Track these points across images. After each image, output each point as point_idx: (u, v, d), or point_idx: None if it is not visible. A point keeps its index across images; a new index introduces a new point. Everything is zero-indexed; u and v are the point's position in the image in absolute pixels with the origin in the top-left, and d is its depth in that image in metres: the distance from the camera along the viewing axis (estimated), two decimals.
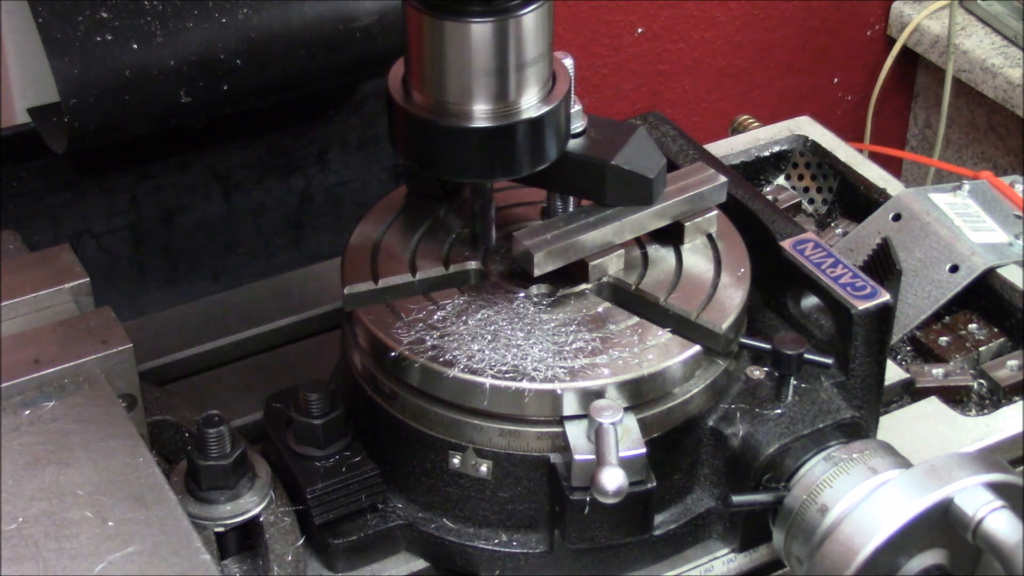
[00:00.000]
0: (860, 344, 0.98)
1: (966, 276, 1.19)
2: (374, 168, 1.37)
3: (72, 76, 1.05)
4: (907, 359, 1.18)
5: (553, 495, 0.93)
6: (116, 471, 0.82)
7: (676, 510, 0.97)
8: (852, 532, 0.87)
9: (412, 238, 1.01)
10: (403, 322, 0.94)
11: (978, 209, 1.25)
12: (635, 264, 0.99)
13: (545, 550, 0.95)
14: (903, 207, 1.24)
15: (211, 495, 0.92)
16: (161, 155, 1.26)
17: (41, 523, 0.79)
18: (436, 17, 0.87)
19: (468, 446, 0.93)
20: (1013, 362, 1.16)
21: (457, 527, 0.96)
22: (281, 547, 0.92)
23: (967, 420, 1.10)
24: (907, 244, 1.21)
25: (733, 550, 0.99)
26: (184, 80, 1.09)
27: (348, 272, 0.98)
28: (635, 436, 0.91)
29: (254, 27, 1.11)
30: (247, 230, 1.33)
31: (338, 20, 1.15)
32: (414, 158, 0.94)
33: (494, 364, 0.91)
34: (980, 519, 0.86)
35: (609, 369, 0.91)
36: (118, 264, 1.28)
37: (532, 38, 0.89)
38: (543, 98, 0.92)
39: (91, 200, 1.25)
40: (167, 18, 1.08)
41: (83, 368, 0.89)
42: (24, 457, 0.83)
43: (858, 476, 0.91)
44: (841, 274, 0.99)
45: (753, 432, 0.95)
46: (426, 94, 0.91)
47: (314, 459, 0.95)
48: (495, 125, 0.90)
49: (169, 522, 0.80)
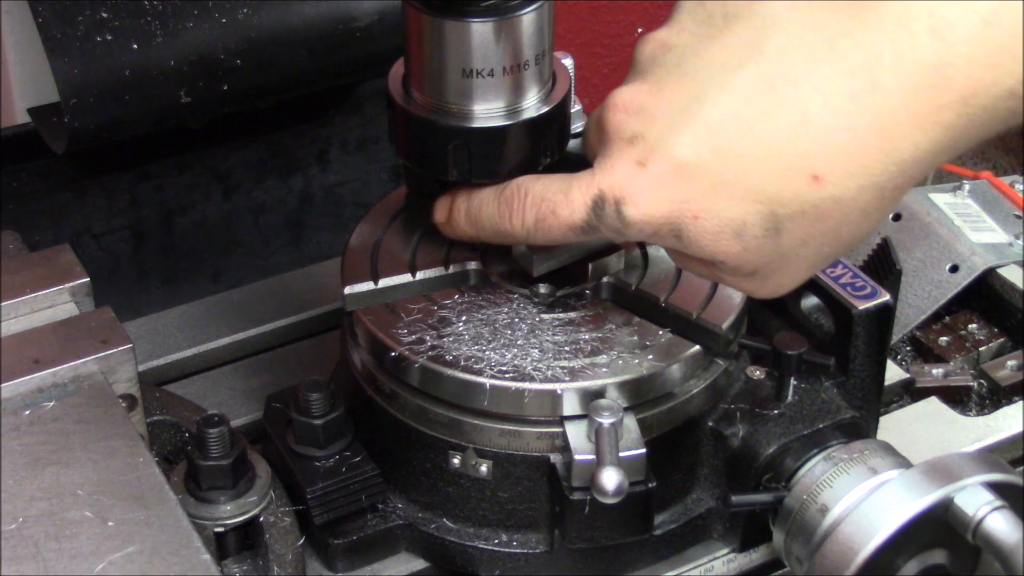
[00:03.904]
0: (860, 344, 0.98)
1: (966, 276, 1.19)
2: (374, 168, 1.37)
3: (72, 76, 1.05)
4: (907, 359, 1.18)
5: (553, 495, 0.93)
6: (116, 471, 0.82)
7: (676, 510, 0.97)
8: (852, 532, 0.87)
9: (412, 238, 1.01)
10: (403, 322, 0.94)
11: (978, 209, 1.25)
12: (635, 264, 0.99)
13: (545, 550, 0.95)
14: (903, 207, 1.24)
15: (211, 495, 0.92)
16: (161, 155, 1.26)
17: (41, 523, 0.79)
18: (436, 17, 0.87)
19: (468, 446, 0.93)
20: (1013, 362, 1.16)
21: (457, 527, 0.96)
22: (281, 547, 0.92)
23: (967, 420, 1.10)
24: (907, 244, 1.21)
25: (733, 550, 0.99)
26: (184, 80, 1.09)
27: (348, 272, 0.98)
28: (635, 436, 0.91)
29: (254, 27, 1.11)
30: (247, 230, 1.33)
31: (338, 20, 1.14)
32: (414, 158, 0.94)
33: (494, 364, 0.91)
34: (980, 519, 0.86)
35: (609, 369, 0.91)
36: (118, 264, 1.28)
37: (532, 38, 0.89)
38: (543, 98, 0.92)
39: (91, 200, 1.25)
40: (167, 18, 1.08)
41: (83, 368, 0.89)
42: (24, 457, 0.83)
43: (858, 476, 0.91)
44: (841, 274, 0.99)
45: (753, 432, 0.95)
46: (426, 94, 0.91)
47: (314, 459, 0.95)
48: (495, 125, 0.90)
49: (169, 522, 0.80)
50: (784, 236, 0.78)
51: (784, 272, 0.81)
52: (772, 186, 0.76)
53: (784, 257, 0.80)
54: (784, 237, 0.78)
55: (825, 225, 0.77)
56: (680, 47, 0.81)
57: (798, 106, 0.75)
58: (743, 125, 0.77)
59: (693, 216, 0.78)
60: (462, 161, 0.91)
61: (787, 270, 0.81)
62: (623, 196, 0.80)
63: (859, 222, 0.78)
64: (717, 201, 0.78)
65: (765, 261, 0.80)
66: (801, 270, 0.82)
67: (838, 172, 0.75)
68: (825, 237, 0.78)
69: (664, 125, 0.79)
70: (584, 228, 0.84)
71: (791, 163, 0.76)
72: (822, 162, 0.75)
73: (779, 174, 0.76)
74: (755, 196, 0.77)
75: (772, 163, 0.76)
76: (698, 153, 0.78)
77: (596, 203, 0.82)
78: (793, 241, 0.78)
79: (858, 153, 0.75)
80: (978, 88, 0.73)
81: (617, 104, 0.82)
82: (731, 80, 0.77)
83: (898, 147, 0.75)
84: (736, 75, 0.77)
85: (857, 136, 0.75)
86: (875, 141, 0.75)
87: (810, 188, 0.76)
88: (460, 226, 0.92)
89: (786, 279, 0.82)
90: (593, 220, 0.83)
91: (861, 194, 0.76)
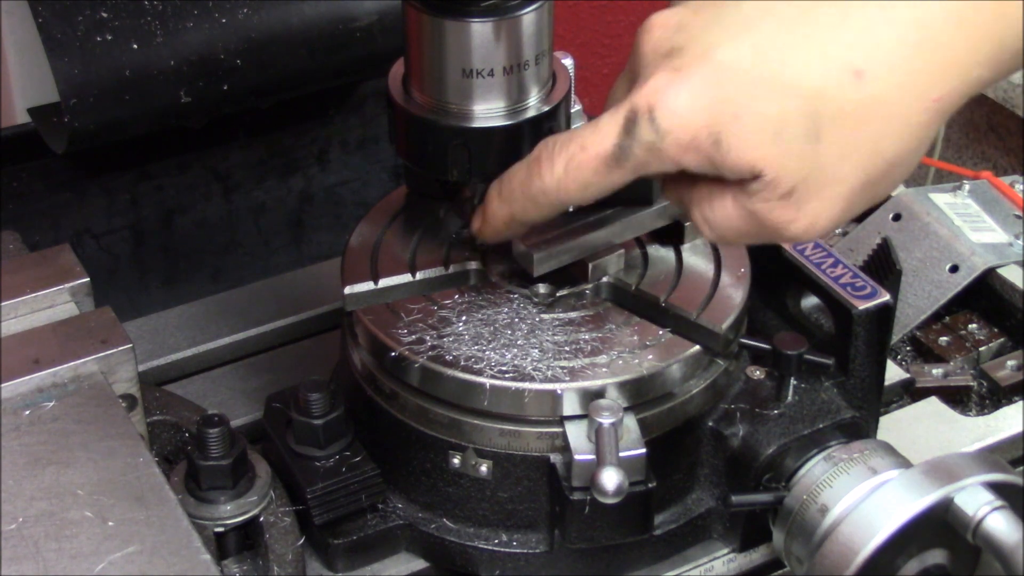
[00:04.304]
0: (860, 344, 0.98)
1: (966, 276, 1.19)
2: (374, 168, 1.37)
3: (72, 76, 1.05)
4: (907, 359, 1.18)
5: (553, 495, 0.93)
6: (116, 471, 0.82)
7: (676, 510, 0.97)
8: (852, 532, 0.87)
9: (412, 238, 1.01)
10: (403, 322, 0.94)
11: (978, 209, 1.25)
12: (635, 264, 0.99)
13: (545, 550, 0.95)
14: (903, 207, 1.24)
15: (211, 495, 0.92)
16: (161, 155, 1.26)
17: (41, 523, 0.79)
18: (436, 17, 0.87)
19: (468, 446, 0.93)
20: (1013, 362, 1.16)
21: (457, 527, 0.96)
22: (281, 547, 0.92)
23: (967, 420, 1.10)
24: (907, 244, 1.21)
25: (733, 550, 0.99)
26: (184, 80, 1.09)
27: (348, 272, 0.98)
28: (635, 436, 0.91)
29: (254, 27, 1.11)
30: (247, 230, 1.33)
31: (338, 20, 1.15)
32: (414, 158, 0.94)
33: (494, 364, 0.91)
34: (980, 519, 0.86)
35: (609, 369, 0.91)
36: (118, 264, 1.28)
37: (532, 38, 0.89)
38: (543, 98, 0.92)
39: (91, 200, 1.25)
40: (167, 18, 1.08)
41: (83, 368, 0.89)
42: (24, 457, 0.83)
43: (858, 476, 0.91)
44: (841, 274, 0.99)
45: (753, 432, 0.95)
46: (426, 94, 0.91)
47: (314, 459, 0.95)
48: (495, 125, 0.90)
49: (169, 522, 0.80)
50: (824, 142, 0.76)
51: (823, 196, 0.77)
52: (813, 79, 0.75)
53: (823, 172, 0.76)
54: (824, 144, 0.76)
55: (867, 133, 0.75)
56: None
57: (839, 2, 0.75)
58: (783, 22, 0.75)
59: (733, 116, 0.76)
60: (462, 161, 0.91)
61: (826, 194, 0.77)
62: (656, 102, 0.77)
63: (901, 134, 0.76)
64: (757, 98, 0.75)
65: (803, 175, 0.77)
66: (841, 197, 0.78)
67: (880, 66, 0.74)
68: (866, 149, 0.76)
69: (702, 32, 0.77)
70: (616, 155, 0.80)
71: (833, 54, 0.74)
72: (864, 55, 0.74)
73: (821, 66, 0.74)
74: (796, 90, 0.75)
75: (813, 55, 0.74)
76: (737, 52, 0.76)
77: (628, 120, 0.78)
78: (833, 151, 0.76)
79: (899, 48, 0.74)
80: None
81: (655, 23, 0.80)
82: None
83: (937, 45, 0.74)
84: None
85: (897, 30, 0.74)
86: (915, 36, 0.74)
87: (852, 83, 0.74)
88: (493, 211, 0.89)
89: (824, 208, 0.78)
90: (625, 141, 0.79)
91: (903, 97, 0.75)
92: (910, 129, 0.76)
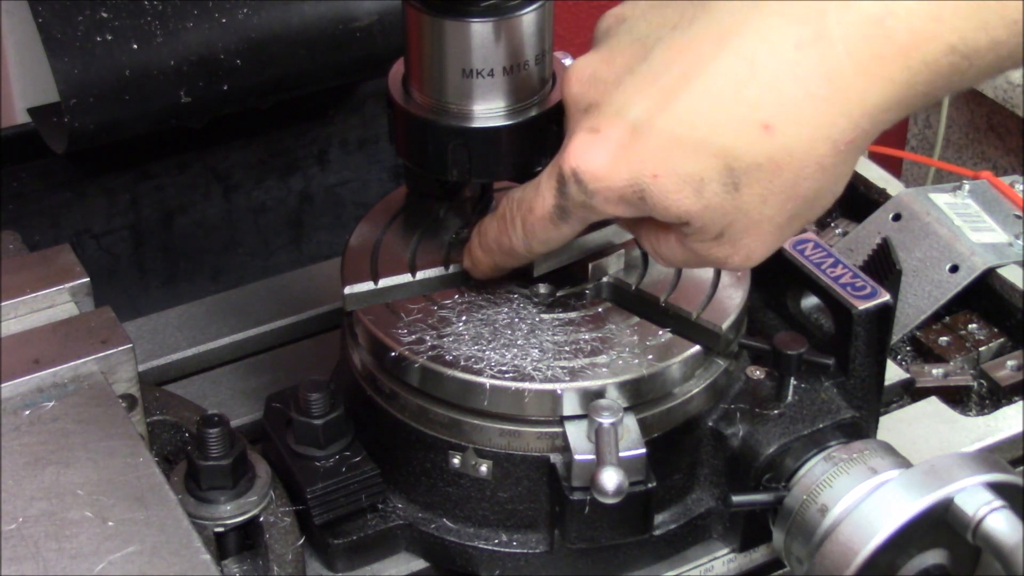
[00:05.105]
0: (860, 344, 0.98)
1: (966, 276, 1.19)
2: (374, 168, 1.37)
3: (72, 76, 1.05)
4: (907, 359, 1.18)
5: (553, 495, 0.93)
6: (116, 471, 0.82)
7: (676, 510, 0.97)
8: (852, 532, 0.87)
9: (412, 238, 1.01)
10: (403, 322, 0.94)
11: (978, 209, 1.25)
12: (635, 264, 0.99)
13: (545, 550, 0.95)
14: (903, 207, 1.24)
15: (211, 495, 0.92)
16: (161, 155, 1.26)
17: (41, 523, 0.79)
18: (436, 17, 0.87)
19: (468, 446, 0.93)
20: (1013, 362, 1.16)
21: (457, 527, 0.96)
22: (281, 547, 0.92)
23: (967, 420, 1.10)
24: (907, 244, 1.21)
25: (733, 550, 0.99)
26: (184, 80, 1.09)
27: (348, 272, 0.98)
28: (635, 436, 0.91)
29: (254, 27, 1.11)
30: (247, 230, 1.33)
31: (338, 20, 1.15)
32: (414, 158, 0.94)
33: (494, 364, 0.91)
34: (980, 519, 0.86)
35: (609, 369, 0.91)
36: (118, 264, 1.28)
37: (532, 38, 0.89)
38: (543, 98, 0.92)
39: (91, 200, 1.25)
40: (167, 18, 1.08)
41: (83, 368, 0.89)
42: (24, 457, 0.83)
43: (858, 476, 0.91)
44: (841, 274, 0.99)
45: (753, 432, 0.95)
46: (426, 94, 0.91)
47: (314, 459, 0.95)
48: (495, 125, 0.90)
49: (169, 522, 0.80)
50: (743, 191, 0.77)
51: (752, 234, 0.80)
52: (724, 137, 0.76)
53: (748, 216, 0.78)
54: (744, 192, 0.77)
55: (782, 179, 0.76)
56: (633, 17, 0.81)
57: (745, 56, 0.75)
58: (691, 78, 0.76)
59: (652, 175, 0.77)
60: (462, 161, 0.91)
61: (754, 232, 0.80)
62: (578, 166, 0.80)
63: (816, 176, 0.77)
64: (673, 157, 0.77)
65: (729, 220, 0.79)
66: (769, 233, 0.80)
67: (788, 121, 0.75)
68: (785, 193, 0.77)
69: (614, 89, 0.79)
70: (557, 214, 0.83)
71: (741, 113, 0.75)
72: (771, 111, 0.75)
73: (730, 125, 0.76)
74: (709, 149, 0.76)
75: (722, 114, 0.75)
76: (649, 111, 0.77)
77: (559, 183, 0.82)
78: (753, 197, 0.77)
79: (806, 101, 0.74)
80: (919, 41, 0.73)
81: (571, 77, 0.82)
82: (678, 37, 0.77)
83: (845, 98, 0.74)
84: (683, 32, 0.77)
85: (804, 84, 0.74)
86: (822, 91, 0.74)
87: (762, 138, 0.75)
88: (479, 258, 0.93)
89: (756, 243, 0.81)
90: (562, 202, 0.82)
91: (814, 146, 0.75)
92: (824, 171, 0.77)
